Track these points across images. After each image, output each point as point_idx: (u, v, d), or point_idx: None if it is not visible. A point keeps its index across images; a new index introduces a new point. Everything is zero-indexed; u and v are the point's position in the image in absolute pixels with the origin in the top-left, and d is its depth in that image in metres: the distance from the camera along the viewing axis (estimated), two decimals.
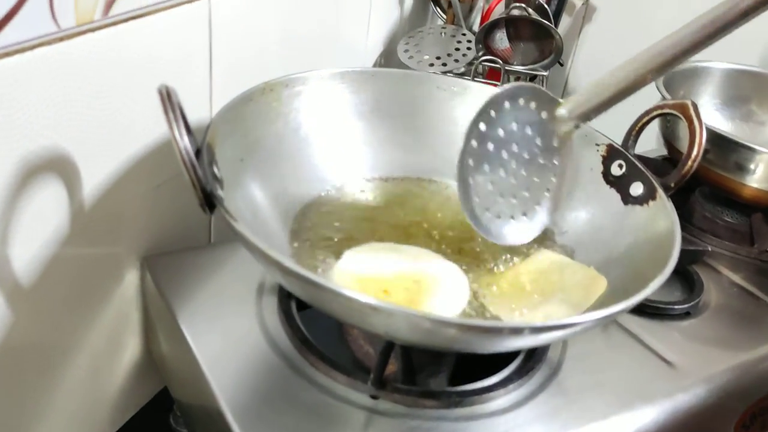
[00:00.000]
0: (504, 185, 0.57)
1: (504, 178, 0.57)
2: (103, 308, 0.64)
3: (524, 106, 0.56)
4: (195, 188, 0.45)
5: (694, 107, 0.56)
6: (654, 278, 0.47)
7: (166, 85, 0.45)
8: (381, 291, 0.54)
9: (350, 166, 0.67)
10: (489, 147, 0.56)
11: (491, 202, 0.57)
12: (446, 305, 0.55)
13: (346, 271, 0.56)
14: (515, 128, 0.57)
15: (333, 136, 0.66)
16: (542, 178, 0.59)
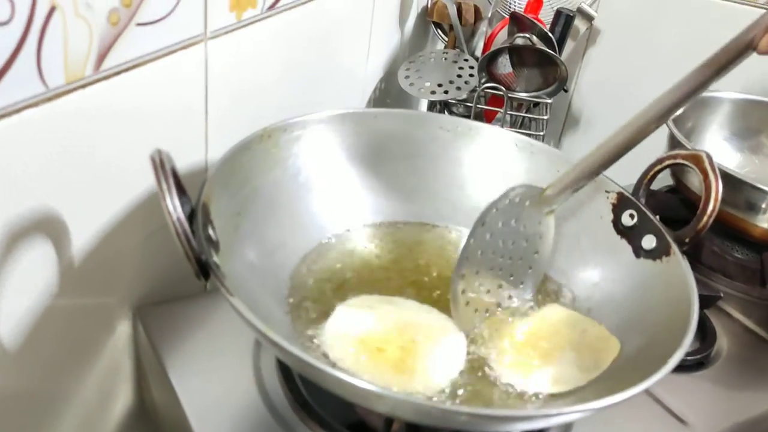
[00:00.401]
0: (492, 281, 0.59)
1: (494, 275, 0.59)
2: (95, 358, 0.61)
3: (510, 203, 0.58)
4: (189, 260, 0.43)
5: (709, 159, 0.54)
6: (671, 352, 0.44)
7: (160, 151, 0.43)
8: (375, 349, 0.52)
9: (351, 213, 0.65)
10: (486, 236, 0.57)
11: (478, 300, 0.58)
12: (443, 365, 0.52)
13: (338, 329, 0.54)
14: (502, 227, 0.58)
15: (333, 181, 0.64)
16: (525, 257, 0.60)
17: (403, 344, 0.52)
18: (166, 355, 0.58)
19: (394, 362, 0.50)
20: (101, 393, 0.64)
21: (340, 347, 0.52)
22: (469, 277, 0.57)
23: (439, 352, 0.53)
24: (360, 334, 0.53)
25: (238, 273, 0.51)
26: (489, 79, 0.91)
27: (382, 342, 0.52)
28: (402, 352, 0.52)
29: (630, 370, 0.48)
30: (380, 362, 0.50)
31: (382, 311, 0.56)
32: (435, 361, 0.52)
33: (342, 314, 0.55)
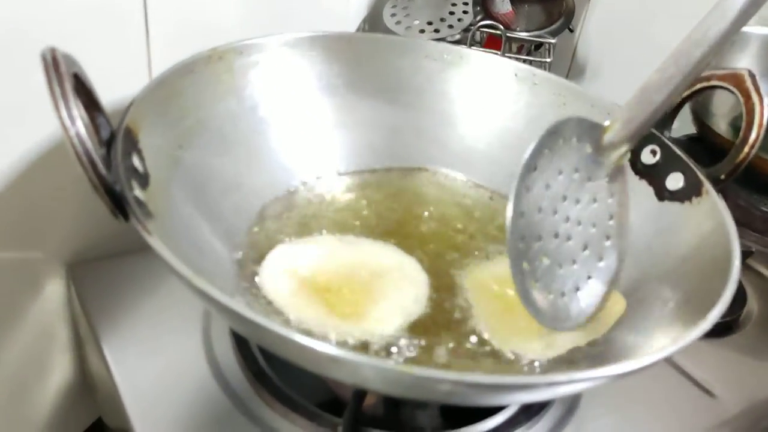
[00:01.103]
0: (561, 252, 0.43)
1: (560, 244, 0.43)
2: (21, 322, 0.53)
3: (565, 144, 0.43)
4: (96, 189, 0.34)
5: (752, 78, 0.44)
6: (706, 309, 0.35)
7: (54, 49, 0.33)
8: (323, 290, 0.44)
9: (321, 155, 0.55)
10: (536, 217, 0.42)
11: (551, 280, 0.42)
12: (402, 309, 0.44)
13: (278, 265, 0.46)
14: (562, 178, 0.43)
15: (299, 117, 0.54)
16: (599, 224, 0.45)
17: (354, 288, 0.45)
18: (99, 321, 0.50)
19: (342, 304, 0.43)
20: (33, 363, 0.55)
21: (278, 286, 0.43)
22: (530, 246, 0.42)
23: (397, 295, 0.45)
24: (304, 272, 0.45)
25: (176, 216, 0.42)
26: (485, 17, 0.81)
27: (330, 283, 0.45)
28: (352, 296, 0.44)
29: (653, 329, 0.39)
30: (325, 305, 0.42)
31: (332, 247, 0.48)
32: (389, 304, 0.44)
33: (284, 249, 0.47)
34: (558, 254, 0.43)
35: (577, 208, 0.44)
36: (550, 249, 0.43)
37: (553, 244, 0.43)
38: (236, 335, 0.48)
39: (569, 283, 0.43)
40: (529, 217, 0.42)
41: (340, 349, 0.29)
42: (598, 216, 0.45)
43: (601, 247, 0.45)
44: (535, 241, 0.42)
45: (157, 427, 0.43)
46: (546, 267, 0.42)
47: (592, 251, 0.44)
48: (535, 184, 0.42)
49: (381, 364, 0.29)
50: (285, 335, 0.29)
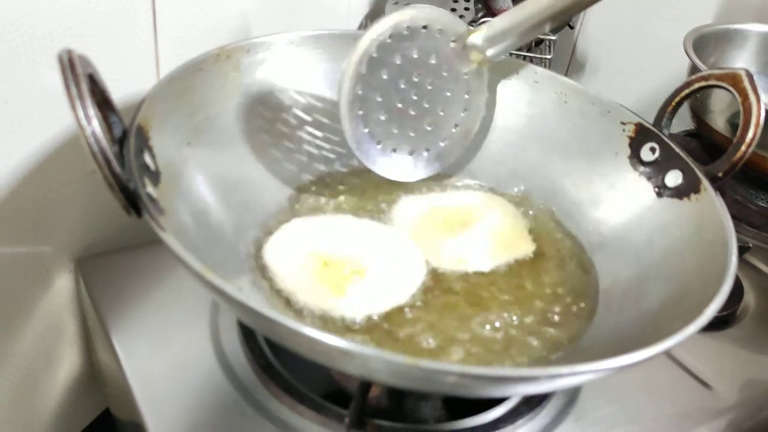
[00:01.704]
0: (401, 117, 0.52)
1: (401, 109, 0.51)
2: (31, 315, 0.54)
3: (428, 32, 0.50)
4: (111, 187, 0.34)
5: (749, 78, 0.45)
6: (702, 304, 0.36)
7: (70, 51, 0.34)
8: (321, 263, 0.46)
9: (325, 151, 0.56)
10: (382, 75, 0.50)
11: (384, 134, 0.52)
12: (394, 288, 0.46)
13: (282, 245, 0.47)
14: (416, 56, 0.50)
15: (305, 114, 0.55)
16: (449, 111, 0.53)
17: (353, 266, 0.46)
18: (109, 314, 0.50)
19: (336, 281, 0.45)
20: (42, 355, 0.56)
21: (283, 259, 0.46)
22: (370, 103, 0.50)
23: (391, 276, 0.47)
24: (309, 247, 0.47)
25: (186, 212, 0.43)
26: (486, 14, 0.82)
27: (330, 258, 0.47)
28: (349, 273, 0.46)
29: (652, 324, 0.40)
30: (321, 278, 0.45)
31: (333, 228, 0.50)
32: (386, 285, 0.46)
33: (293, 225, 0.50)
34: (397, 117, 0.51)
35: (428, 90, 0.52)
36: (389, 109, 0.51)
37: (392, 106, 0.51)
38: (243, 327, 0.49)
39: (403, 145, 0.53)
40: (374, 73, 0.49)
41: (351, 343, 0.30)
42: (449, 105, 0.53)
43: (446, 130, 0.54)
44: (376, 92, 0.50)
45: (167, 417, 0.44)
46: (381, 121, 0.51)
47: (434, 129, 0.53)
48: (388, 50, 0.49)
49: (390, 357, 0.30)
50: (296, 329, 0.30)
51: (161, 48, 0.53)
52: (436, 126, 0.53)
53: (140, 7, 0.50)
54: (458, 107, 0.53)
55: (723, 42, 0.75)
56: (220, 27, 0.57)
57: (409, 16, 0.49)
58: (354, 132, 0.50)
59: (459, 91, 0.53)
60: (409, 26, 0.49)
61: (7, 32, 0.43)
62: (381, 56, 0.49)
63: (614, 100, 0.53)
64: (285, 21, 0.66)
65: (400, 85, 0.51)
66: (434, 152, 0.54)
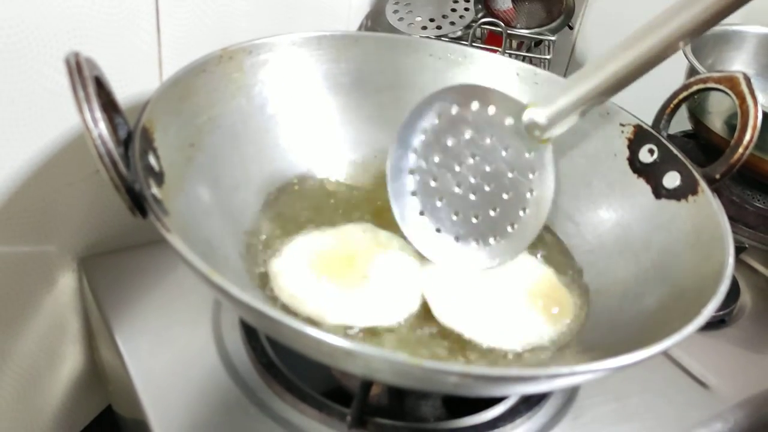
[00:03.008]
0: (460, 203, 0.49)
1: (459, 195, 0.49)
2: (35, 314, 0.54)
3: (481, 111, 0.48)
4: (117, 189, 0.35)
5: (746, 81, 0.46)
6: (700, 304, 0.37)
7: (77, 53, 0.34)
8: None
9: (327, 150, 0.56)
10: (434, 158, 0.48)
11: (442, 221, 0.49)
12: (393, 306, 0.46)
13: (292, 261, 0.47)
14: (469, 136, 0.48)
15: (306, 114, 0.55)
16: (514, 194, 0.49)
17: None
18: (112, 312, 0.51)
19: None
20: (46, 353, 0.56)
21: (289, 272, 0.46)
22: (425, 187, 0.48)
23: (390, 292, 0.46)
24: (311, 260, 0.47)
25: (189, 213, 0.43)
26: (486, 15, 0.82)
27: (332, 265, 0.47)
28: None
29: (651, 324, 0.41)
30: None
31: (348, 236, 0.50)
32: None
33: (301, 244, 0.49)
34: (455, 203, 0.49)
35: (487, 172, 0.48)
36: (446, 195, 0.49)
37: (449, 192, 0.49)
38: (246, 326, 0.49)
39: (465, 233, 0.49)
40: (425, 157, 0.48)
41: (354, 343, 0.30)
42: (514, 186, 0.49)
43: (513, 214, 0.49)
44: (428, 178, 0.48)
45: (170, 414, 0.44)
46: (437, 207, 0.49)
47: (501, 214, 0.49)
48: (438, 132, 0.48)
49: (393, 357, 0.30)
50: (300, 329, 0.31)
51: (164, 49, 0.53)
52: (502, 211, 0.49)
53: (144, 8, 0.50)
54: (524, 189, 0.48)
55: (721, 43, 0.76)
56: (223, 28, 0.57)
57: (454, 93, 0.48)
58: (406, 219, 0.48)
59: (523, 173, 0.48)
60: (457, 105, 0.48)
61: (13, 33, 0.43)
62: (431, 138, 0.48)
63: (613, 102, 0.54)
64: (286, 22, 0.66)
65: (455, 168, 0.48)
66: (502, 239, 0.49)
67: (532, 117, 0.47)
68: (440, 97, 0.48)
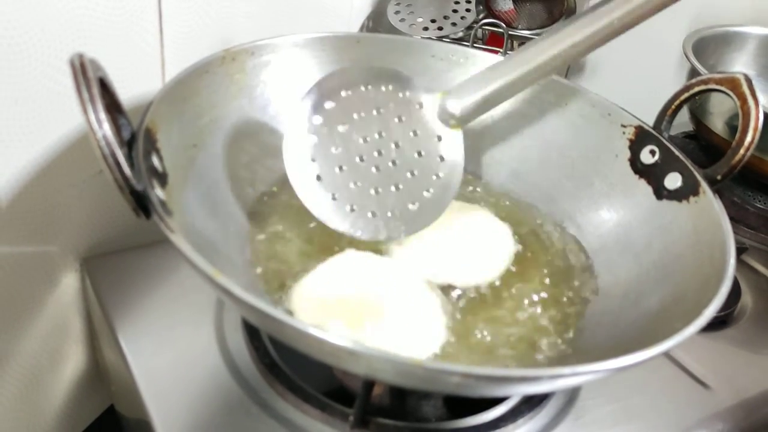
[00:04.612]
0: (360, 174, 0.48)
1: (360, 166, 0.48)
2: (38, 314, 0.54)
3: (393, 92, 0.48)
4: (121, 190, 0.35)
5: (748, 83, 0.46)
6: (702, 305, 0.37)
7: (82, 55, 0.34)
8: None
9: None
10: (338, 127, 0.47)
11: (339, 189, 0.47)
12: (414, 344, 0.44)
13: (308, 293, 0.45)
14: (377, 113, 0.48)
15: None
16: (420, 174, 0.49)
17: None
18: (115, 313, 0.51)
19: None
20: (48, 354, 0.57)
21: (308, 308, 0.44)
22: (325, 160, 0.47)
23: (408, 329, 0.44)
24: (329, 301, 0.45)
25: (192, 213, 0.43)
26: (488, 15, 0.82)
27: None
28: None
29: (652, 325, 0.41)
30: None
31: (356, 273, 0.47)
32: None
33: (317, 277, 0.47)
34: (356, 174, 0.47)
35: (394, 149, 0.48)
36: (349, 165, 0.47)
37: (352, 164, 0.47)
38: (248, 326, 0.50)
39: (364, 204, 0.47)
40: (326, 127, 0.47)
41: (357, 343, 0.30)
42: (421, 166, 0.48)
43: (416, 193, 0.48)
44: (330, 150, 0.47)
45: (172, 414, 0.44)
46: (339, 176, 0.47)
47: (403, 192, 0.48)
48: (341, 108, 0.47)
49: (395, 358, 0.31)
50: (303, 330, 0.31)
51: (167, 51, 0.53)
52: (405, 189, 0.48)
53: (147, 10, 0.50)
54: (430, 171, 0.49)
55: (722, 44, 0.76)
56: (225, 29, 0.57)
57: (364, 75, 0.48)
58: (301, 179, 0.46)
59: (431, 155, 0.49)
60: (369, 84, 0.48)
61: (17, 35, 0.43)
62: (337, 108, 0.47)
63: (614, 103, 0.54)
64: (288, 23, 0.66)
65: (359, 141, 0.48)
66: (400, 215, 0.48)
67: (445, 105, 0.48)
68: (355, 71, 0.48)
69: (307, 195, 0.46)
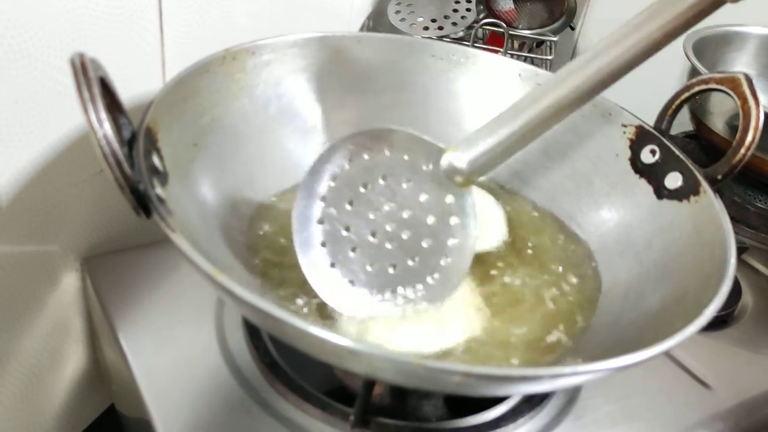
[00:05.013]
0: (375, 253, 0.44)
1: (374, 244, 0.44)
2: (38, 314, 0.54)
3: (395, 156, 0.44)
4: (122, 189, 0.35)
5: (748, 82, 0.46)
6: (702, 304, 0.37)
7: (82, 54, 0.34)
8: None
9: None
10: (346, 206, 0.45)
11: (356, 273, 0.44)
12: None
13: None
14: (386, 183, 0.44)
15: (309, 114, 0.55)
16: (434, 242, 0.44)
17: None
18: (115, 312, 0.51)
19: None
20: (48, 353, 0.57)
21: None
22: (335, 237, 0.44)
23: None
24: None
25: (192, 213, 0.43)
26: (488, 15, 0.82)
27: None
28: None
29: (653, 324, 0.41)
30: None
31: None
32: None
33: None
34: (371, 253, 0.44)
35: (405, 217, 0.44)
36: (360, 245, 0.44)
37: (365, 242, 0.44)
38: (249, 325, 0.50)
39: (379, 284, 0.44)
40: (333, 206, 0.44)
41: (357, 342, 0.30)
42: (434, 233, 0.44)
43: (434, 263, 0.44)
44: (338, 227, 0.44)
45: (173, 414, 0.44)
46: (350, 258, 0.44)
47: (420, 264, 0.44)
48: (347, 178, 0.44)
49: (396, 357, 0.31)
50: (304, 329, 0.31)
51: (167, 50, 0.53)
52: (421, 260, 0.44)
53: (147, 9, 0.50)
54: (444, 236, 0.44)
55: (722, 44, 0.76)
56: (225, 29, 0.57)
57: (361, 142, 0.44)
58: (315, 272, 0.44)
59: (443, 218, 0.44)
60: (369, 150, 0.44)
61: (17, 34, 0.43)
62: (341, 184, 0.44)
63: (615, 102, 0.54)
64: (288, 22, 0.66)
65: (369, 216, 0.44)
66: (422, 291, 0.45)
67: (451, 162, 0.43)
68: (351, 141, 0.44)
69: (322, 286, 0.44)
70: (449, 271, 0.44)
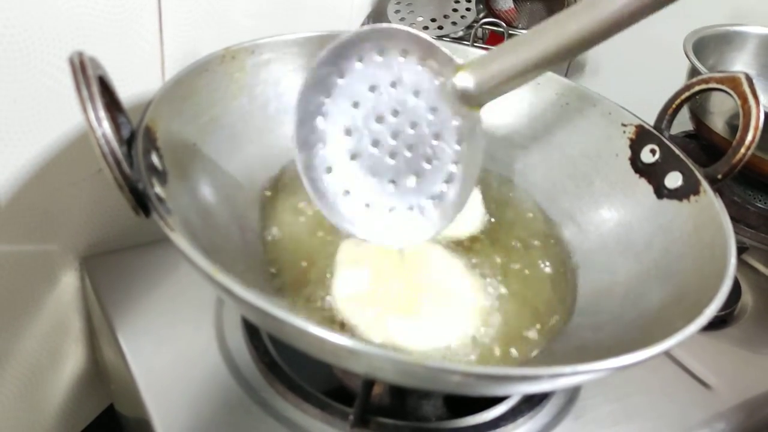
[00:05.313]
0: (375, 164, 0.42)
1: (375, 155, 0.42)
2: (37, 313, 0.54)
3: (407, 62, 0.41)
4: (121, 188, 0.35)
5: (748, 81, 0.46)
6: (702, 304, 0.37)
7: (81, 53, 0.34)
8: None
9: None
10: (350, 110, 0.42)
11: (352, 181, 0.42)
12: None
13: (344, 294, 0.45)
14: (392, 90, 0.41)
15: None
16: (438, 164, 0.43)
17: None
18: (115, 311, 0.51)
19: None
20: (48, 353, 0.57)
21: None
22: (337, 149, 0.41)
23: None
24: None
25: (191, 212, 0.43)
26: (488, 15, 0.82)
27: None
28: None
29: (653, 324, 0.41)
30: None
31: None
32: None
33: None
34: (371, 164, 0.42)
35: (410, 133, 0.42)
36: (360, 153, 0.42)
37: (366, 151, 0.42)
38: (248, 325, 0.49)
39: (381, 201, 0.43)
40: (336, 105, 0.41)
41: (357, 342, 0.30)
42: (438, 156, 0.43)
43: (434, 187, 0.43)
44: (341, 136, 0.42)
45: (172, 413, 0.44)
46: (349, 173, 0.42)
47: (421, 185, 0.43)
48: (356, 78, 0.41)
49: (396, 356, 0.31)
50: (304, 328, 0.31)
51: (167, 49, 0.53)
52: (422, 182, 0.43)
53: (146, 8, 0.50)
54: (448, 160, 0.43)
55: (722, 44, 0.76)
56: (225, 28, 0.57)
57: (376, 40, 0.40)
58: (308, 169, 0.42)
59: (449, 141, 0.43)
60: (383, 49, 0.41)
61: (16, 33, 0.43)
62: (347, 84, 0.41)
63: (615, 102, 0.54)
64: (288, 22, 0.66)
65: (373, 125, 0.42)
66: (422, 212, 0.43)
67: (463, 81, 0.41)
68: (366, 37, 0.41)
69: (316, 190, 0.42)
70: (449, 198, 0.43)
